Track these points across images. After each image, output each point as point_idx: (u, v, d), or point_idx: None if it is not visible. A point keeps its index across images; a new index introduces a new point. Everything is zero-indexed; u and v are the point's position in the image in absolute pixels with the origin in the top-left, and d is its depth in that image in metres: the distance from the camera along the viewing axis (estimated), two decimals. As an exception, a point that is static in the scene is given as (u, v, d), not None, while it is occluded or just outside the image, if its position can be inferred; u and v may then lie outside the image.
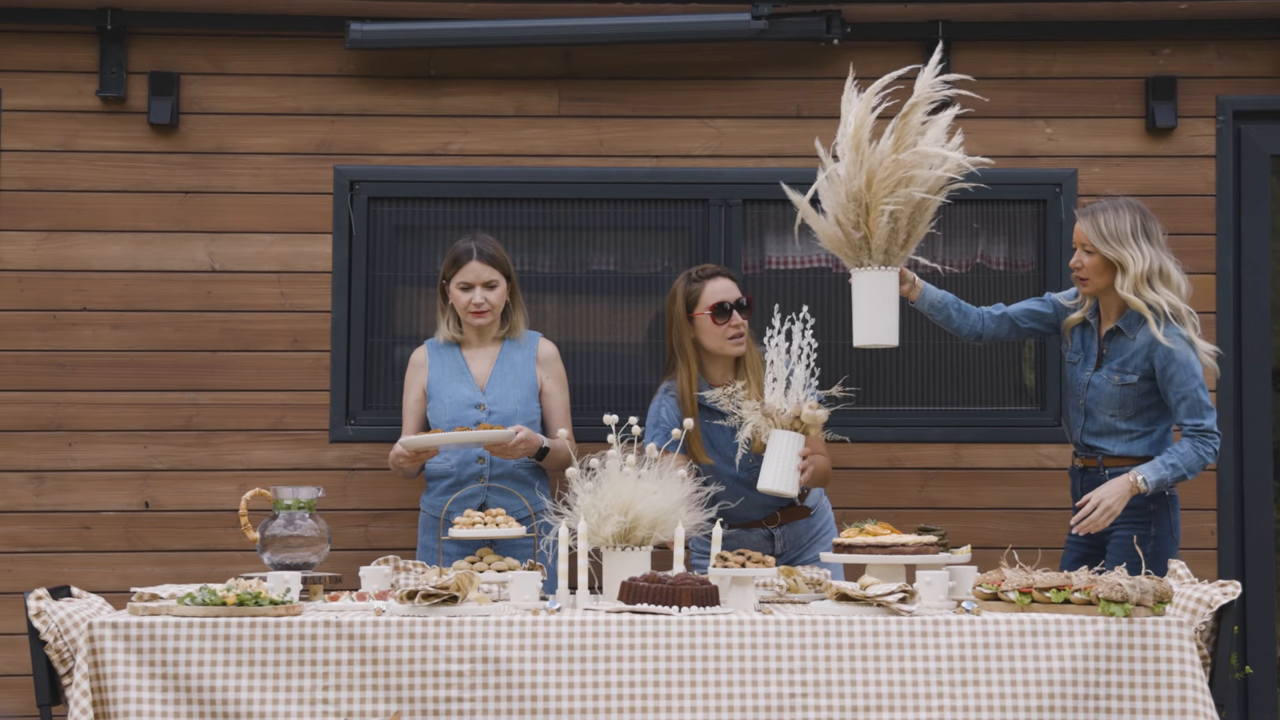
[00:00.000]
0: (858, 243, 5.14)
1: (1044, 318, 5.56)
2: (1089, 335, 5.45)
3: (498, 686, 4.23)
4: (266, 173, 6.31)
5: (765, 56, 6.38)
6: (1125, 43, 6.39)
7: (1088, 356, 5.43)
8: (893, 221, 5.09)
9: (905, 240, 5.14)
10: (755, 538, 5.61)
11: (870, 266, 5.15)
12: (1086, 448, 5.43)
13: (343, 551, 6.03)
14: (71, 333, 6.24)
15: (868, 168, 5.07)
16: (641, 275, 6.37)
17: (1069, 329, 5.50)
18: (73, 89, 6.28)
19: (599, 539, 4.77)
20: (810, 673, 4.25)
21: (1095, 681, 4.26)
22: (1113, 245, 5.28)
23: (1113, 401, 5.36)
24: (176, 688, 4.21)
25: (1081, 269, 5.36)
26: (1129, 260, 5.26)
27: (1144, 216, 5.33)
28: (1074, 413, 5.49)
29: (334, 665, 4.25)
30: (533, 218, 6.36)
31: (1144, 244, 5.28)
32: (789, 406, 5.25)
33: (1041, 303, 5.58)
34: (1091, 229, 5.32)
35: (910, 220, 5.13)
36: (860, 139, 5.11)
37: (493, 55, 6.35)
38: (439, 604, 4.34)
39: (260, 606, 4.32)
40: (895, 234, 5.12)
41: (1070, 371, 5.50)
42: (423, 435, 5.49)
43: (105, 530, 6.22)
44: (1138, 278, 5.25)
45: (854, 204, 5.10)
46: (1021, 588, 4.44)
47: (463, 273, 5.69)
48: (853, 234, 5.14)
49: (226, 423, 6.26)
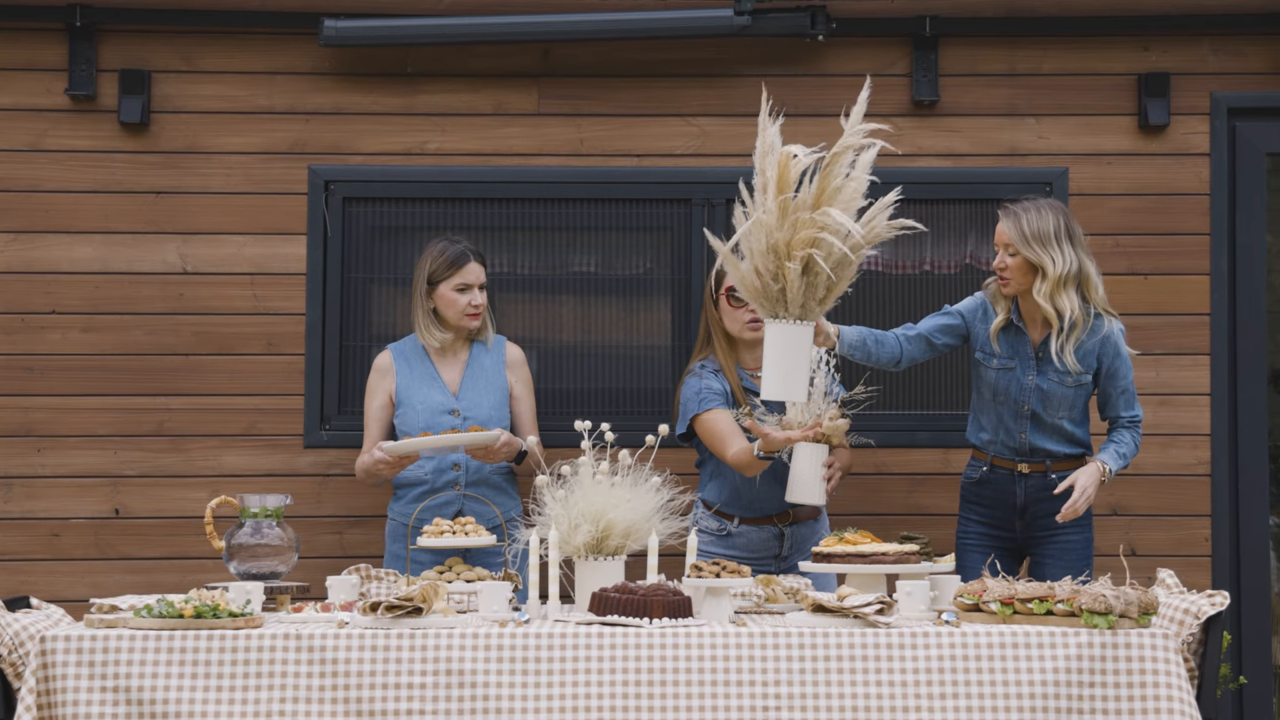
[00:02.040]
0: (775, 294, 4.96)
1: (955, 330, 5.45)
2: (1019, 340, 5.34)
3: (461, 699, 4.14)
4: (239, 172, 6.20)
5: (749, 53, 6.27)
6: (1117, 38, 6.28)
7: (1024, 361, 5.32)
8: (809, 277, 4.93)
9: (824, 296, 4.98)
10: (766, 536, 5.52)
11: (785, 320, 4.99)
12: (1031, 451, 5.33)
13: (317, 559, 5.93)
14: (40, 336, 6.13)
15: (790, 218, 4.89)
16: (623, 277, 6.26)
17: (995, 334, 5.36)
18: (41, 87, 6.17)
19: (570, 548, 4.66)
20: (784, 685, 4.15)
21: (1078, 695, 4.16)
22: (1035, 248, 5.19)
23: (1065, 403, 5.31)
24: (129, 701, 4.11)
25: (1005, 269, 5.26)
26: (1049, 263, 5.18)
27: (1066, 217, 5.25)
28: (1008, 418, 5.36)
29: (293, 678, 4.15)
30: (511, 218, 6.25)
31: (1066, 246, 5.21)
32: (809, 419, 5.19)
33: (948, 315, 5.46)
34: (1015, 230, 5.22)
35: (828, 277, 4.96)
36: (784, 184, 4.90)
37: (470, 52, 6.25)
38: (403, 616, 4.24)
39: (218, 619, 4.22)
40: (813, 289, 4.96)
41: (1001, 378, 5.36)
42: (406, 441, 5.39)
43: (74, 538, 6.11)
44: (1055, 282, 5.18)
45: (773, 255, 4.92)
46: (1003, 598, 4.34)
47: (462, 274, 5.62)
48: (771, 285, 4.96)
49: (199, 428, 6.15)
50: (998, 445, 5.39)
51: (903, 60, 6.27)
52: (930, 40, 6.22)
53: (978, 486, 5.47)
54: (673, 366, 6.22)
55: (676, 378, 6.11)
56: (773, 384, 4.98)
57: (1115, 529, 6.16)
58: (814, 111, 6.25)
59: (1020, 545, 5.41)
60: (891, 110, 6.25)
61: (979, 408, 5.46)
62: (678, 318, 6.23)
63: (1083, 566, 5.30)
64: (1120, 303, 6.18)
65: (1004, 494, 5.40)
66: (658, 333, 6.26)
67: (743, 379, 5.55)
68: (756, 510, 5.52)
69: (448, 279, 5.63)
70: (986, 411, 5.42)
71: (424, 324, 5.68)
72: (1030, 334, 5.33)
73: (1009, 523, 5.41)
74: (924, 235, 6.25)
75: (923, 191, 6.22)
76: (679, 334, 6.22)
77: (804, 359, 4.99)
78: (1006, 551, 5.39)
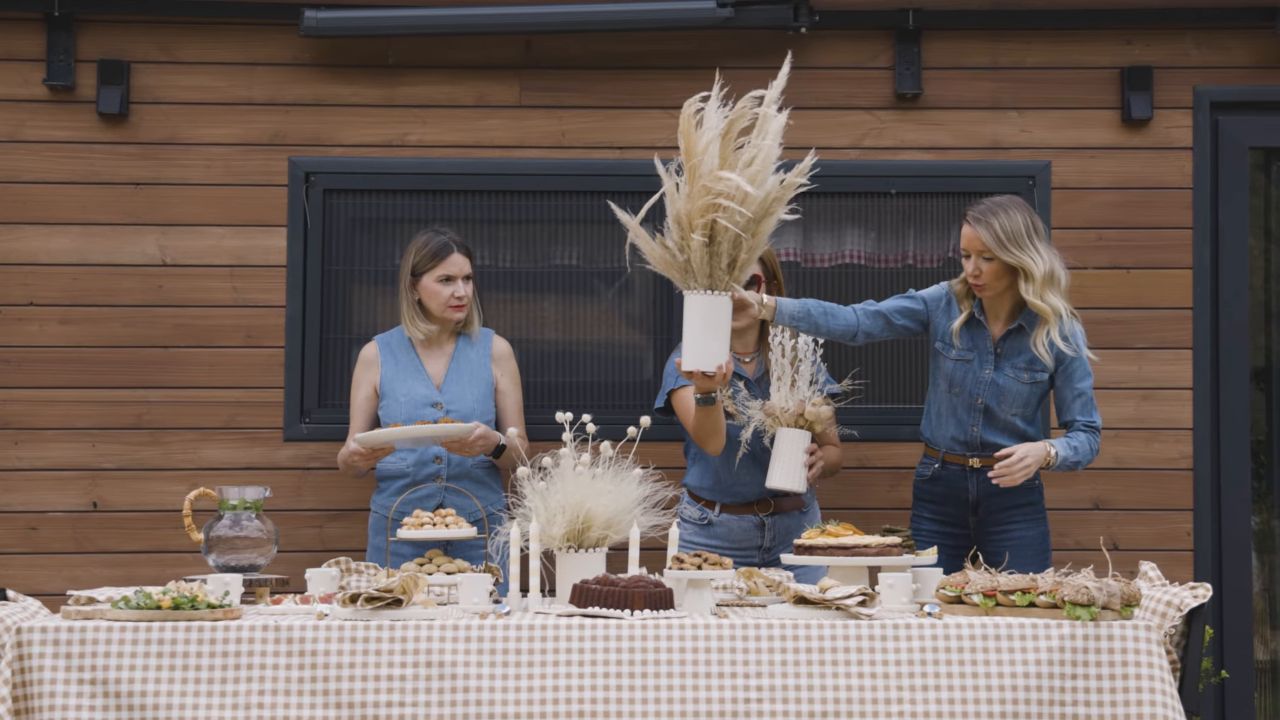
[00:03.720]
0: (683, 265, 4.98)
1: (915, 315, 5.41)
2: (980, 334, 5.32)
3: (442, 691, 4.10)
4: (219, 164, 6.16)
5: (731, 46, 6.25)
6: (1100, 32, 6.26)
7: (982, 355, 5.30)
8: (710, 245, 4.93)
9: (730, 265, 4.97)
10: (747, 526, 5.49)
11: (698, 290, 4.99)
12: (982, 446, 5.31)
13: (296, 553, 5.90)
14: (17, 328, 6.09)
15: (694, 187, 4.92)
16: (605, 269, 6.24)
17: (958, 329, 5.33)
18: (19, 77, 6.13)
19: (549, 540, 4.63)
20: (766, 677, 4.12)
21: (1060, 687, 4.14)
22: (1013, 251, 5.14)
23: (1019, 400, 5.28)
24: (106, 694, 4.07)
25: (980, 276, 5.21)
26: (1032, 264, 5.13)
27: (1030, 214, 5.21)
28: (961, 411, 5.35)
29: (271, 670, 4.11)
30: (493, 210, 6.23)
31: (1040, 245, 5.17)
32: (792, 405, 5.19)
33: (912, 299, 5.42)
34: (990, 236, 5.16)
35: (733, 245, 4.95)
36: (690, 152, 4.94)
37: (452, 44, 6.22)
38: (382, 607, 4.21)
39: (197, 610, 4.19)
40: (716, 258, 4.95)
41: (958, 369, 5.34)
42: (378, 431, 5.36)
43: (52, 531, 6.07)
44: (1042, 281, 5.14)
45: (677, 226, 4.96)
46: (986, 590, 4.32)
47: (445, 265, 5.58)
48: (678, 256, 4.99)
49: (178, 421, 6.12)
50: (949, 440, 5.37)
51: (886, 53, 6.26)
52: (913, 33, 6.21)
53: (930, 484, 5.45)
54: (655, 359, 6.20)
55: (659, 370, 6.10)
56: (691, 355, 5.01)
57: (1097, 523, 6.16)
58: (796, 104, 6.20)
59: (974, 542, 5.35)
60: (874, 103, 6.25)
61: (934, 400, 5.43)
62: (660, 310, 6.20)
63: (1039, 563, 5.28)
64: (1103, 296, 6.20)
65: (956, 490, 5.38)
66: (640, 325, 6.24)
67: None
68: (737, 496, 5.49)
69: (431, 270, 5.60)
70: (941, 403, 5.40)
71: (409, 315, 5.66)
72: (991, 329, 5.31)
73: (962, 519, 5.39)
74: (907, 229, 6.25)
75: (906, 185, 6.21)
76: (661, 326, 6.20)
77: (720, 329, 4.99)
78: (960, 549, 5.34)
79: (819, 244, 6.26)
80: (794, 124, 6.18)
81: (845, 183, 6.22)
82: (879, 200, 6.24)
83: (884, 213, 6.25)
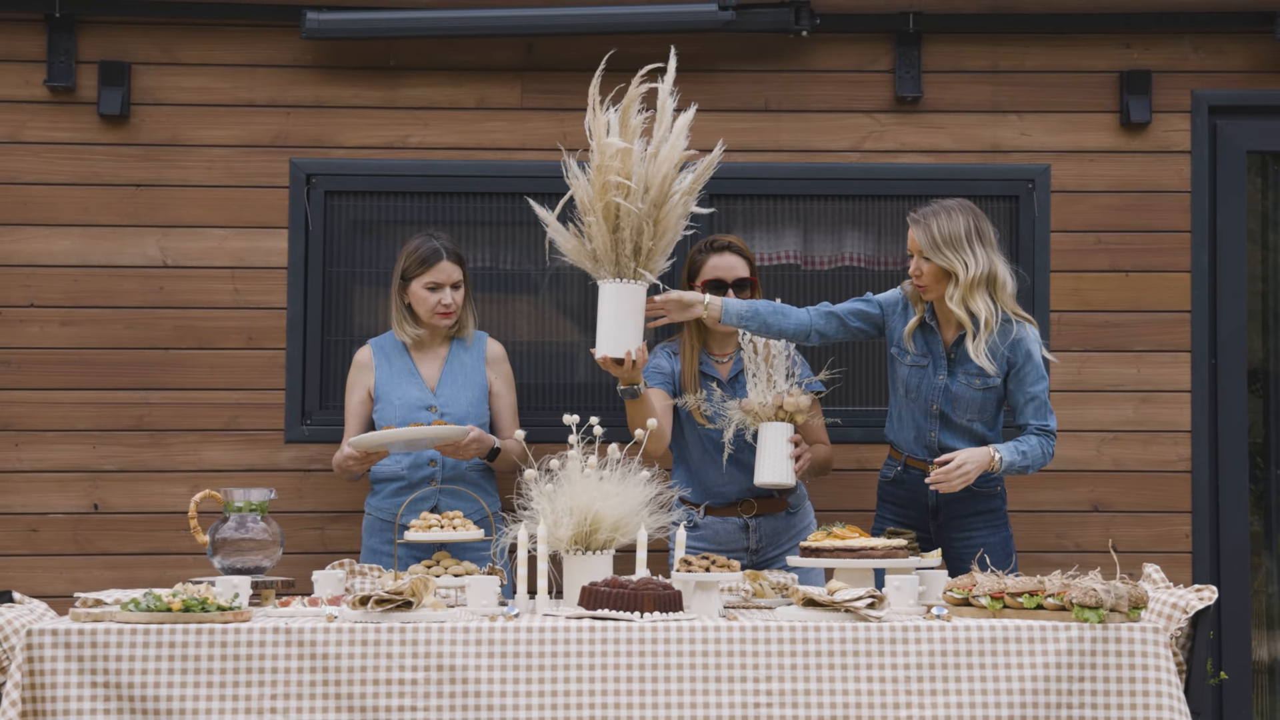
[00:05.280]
0: (592, 254, 5.07)
1: (870, 318, 5.41)
2: (932, 339, 5.32)
3: (453, 695, 4.11)
4: (220, 165, 6.16)
5: (733, 49, 6.26)
6: (1099, 36, 6.29)
7: (936, 361, 5.30)
8: (615, 233, 4.98)
9: (635, 252, 5.01)
10: (730, 528, 5.50)
11: (610, 279, 5.05)
12: (941, 450, 5.30)
13: (297, 555, 5.90)
14: (18, 329, 6.08)
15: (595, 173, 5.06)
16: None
17: (909, 333, 5.34)
18: (19, 79, 6.12)
19: (557, 542, 4.64)
20: (776, 680, 4.13)
21: (1069, 690, 4.16)
22: (945, 253, 5.14)
23: (973, 406, 5.26)
24: (119, 696, 4.07)
25: (920, 276, 5.23)
26: (959, 268, 5.13)
27: (976, 218, 5.19)
28: (919, 416, 5.34)
29: (283, 673, 4.11)
30: (494, 212, 6.22)
31: (977, 248, 5.15)
32: (769, 399, 5.19)
33: (867, 303, 5.43)
34: (924, 237, 5.17)
35: (636, 231, 5.00)
36: (600, 143, 5.07)
37: (453, 46, 6.22)
38: (393, 610, 4.22)
39: (207, 613, 4.18)
40: (621, 244, 5.01)
41: (913, 375, 5.34)
42: (371, 434, 5.36)
43: (53, 533, 6.06)
44: (966, 286, 5.13)
45: (582, 212, 5.10)
46: (994, 593, 4.33)
47: (433, 273, 5.57)
48: (585, 245, 5.09)
49: (179, 422, 6.11)
50: (910, 443, 5.37)
51: (886, 56, 6.27)
52: (914, 36, 6.22)
53: (893, 486, 5.46)
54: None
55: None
56: (602, 342, 5.13)
57: (1095, 525, 6.19)
58: (797, 107, 6.25)
59: (935, 546, 5.27)
60: (874, 106, 6.26)
61: (894, 404, 5.44)
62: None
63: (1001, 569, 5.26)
64: (1101, 300, 6.22)
65: (917, 494, 5.38)
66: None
67: (704, 363, 5.55)
68: (718, 497, 5.50)
69: (419, 276, 5.60)
70: (900, 407, 5.40)
71: (398, 319, 5.67)
72: (944, 334, 5.30)
73: (923, 523, 5.39)
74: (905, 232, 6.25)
75: (905, 188, 6.22)
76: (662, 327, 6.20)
77: (633, 318, 5.10)
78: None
79: (819, 246, 6.28)
80: (794, 126, 6.25)
81: (845, 185, 6.24)
82: (879, 203, 6.26)
83: (884, 215, 6.26)
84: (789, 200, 6.26)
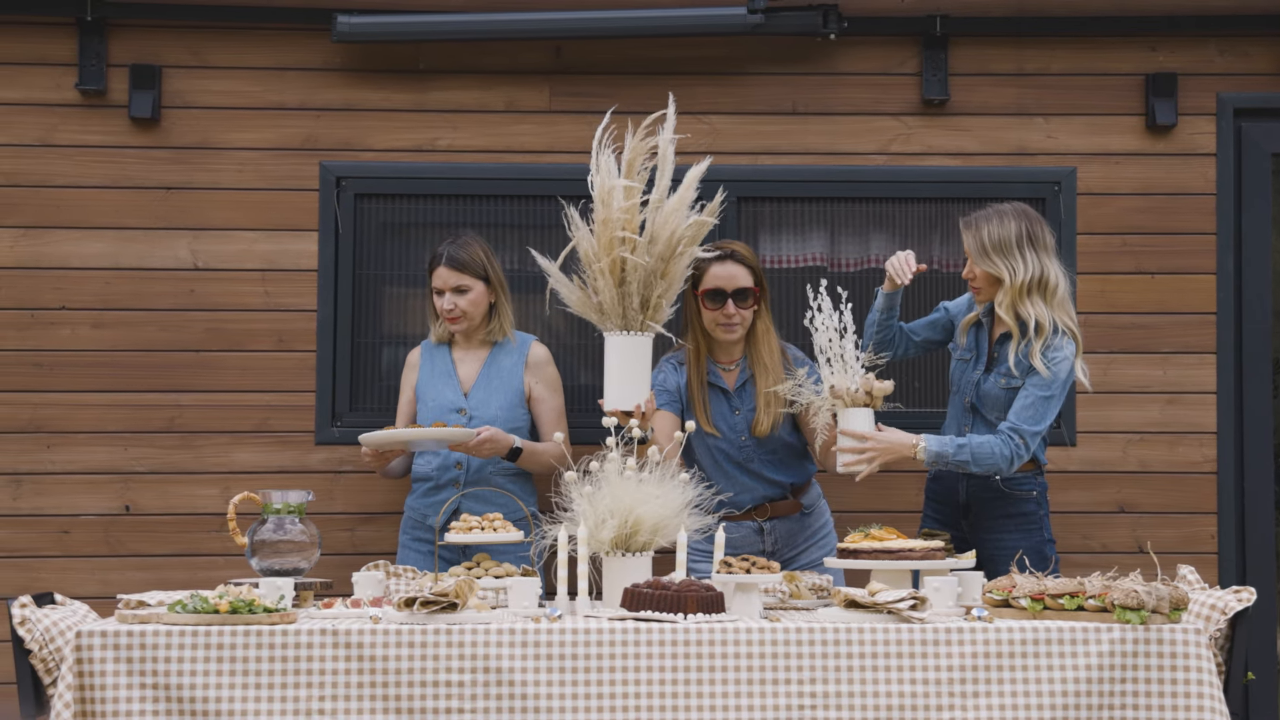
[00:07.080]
0: (597, 306, 5.06)
1: (937, 323, 5.54)
2: (982, 336, 5.36)
3: (499, 697, 4.12)
4: (251, 168, 6.18)
5: (761, 52, 6.28)
6: (1125, 38, 6.31)
7: (979, 357, 5.34)
8: (621, 286, 4.97)
9: (643, 305, 5.01)
10: (744, 532, 5.50)
11: (617, 331, 5.07)
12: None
13: (329, 556, 5.89)
14: (50, 332, 6.10)
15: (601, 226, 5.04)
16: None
17: (965, 327, 5.38)
18: (51, 82, 6.14)
19: (598, 544, 4.65)
20: (821, 683, 4.15)
21: (1111, 691, 4.18)
22: (993, 259, 5.15)
23: (999, 404, 5.25)
24: (168, 698, 4.09)
25: (974, 280, 5.25)
26: (1005, 274, 5.13)
27: (1030, 222, 5.17)
28: (958, 411, 5.38)
29: (330, 675, 4.13)
30: (523, 215, 6.24)
31: (1028, 253, 5.14)
32: (855, 383, 5.09)
33: (936, 311, 5.57)
34: (973, 242, 5.19)
35: (644, 284, 4.99)
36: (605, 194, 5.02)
37: (482, 49, 6.24)
38: (437, 611, 4.23)
39: (254, 615, 4.20)
40: (628, 298, 5.01)
41: (958, 369, 5.39)
42: (376, 433, 5.38)
43: (85, 534, 6.08)
44: (1015, 291, 5.13)
45: (587, 265, 5.09)
46: (1034, 594, 4.35)
47: (434, 277, 5.63)
48: (591, 297, 5.08)
49: (210, 424, 6.13)
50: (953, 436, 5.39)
51: (913, 59, 6.30)
52: (940, 39, 6.25)
53: (934, 482, 5.49)
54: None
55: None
56: (610, 395, 5.11)
57: (1122, 526, 6.21)
58: (823, 110, 6.27)
59: (970, 547, 5.21)
60: (901, 109, 6.28)
61: (950, 399, 5.49)
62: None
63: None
64: (1127, 302, 6.24)
65: (950, 491, 5.40)
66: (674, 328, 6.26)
67: (711, 373, 5.52)
68: (731, 505, 5.49)
69: (430, 279, 5.66)
70: (951, 403, 5.46)
71: (430, 316, 5.75)
72: (992, 332, 5.33)
73: (956, 522, 5.40)
74: (932, 235, 6.29)
75: (932, 190, 6.25)
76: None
77: (639, 369, 5.09)
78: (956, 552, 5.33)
79: (846, 249, 6.30)
80: (821, 129, 6.27)
81: (872, 188, 6.26)
82: (905, 205, 6.28)
83: (910, 218, 6.29)
84: (816, 203, 6.28)
